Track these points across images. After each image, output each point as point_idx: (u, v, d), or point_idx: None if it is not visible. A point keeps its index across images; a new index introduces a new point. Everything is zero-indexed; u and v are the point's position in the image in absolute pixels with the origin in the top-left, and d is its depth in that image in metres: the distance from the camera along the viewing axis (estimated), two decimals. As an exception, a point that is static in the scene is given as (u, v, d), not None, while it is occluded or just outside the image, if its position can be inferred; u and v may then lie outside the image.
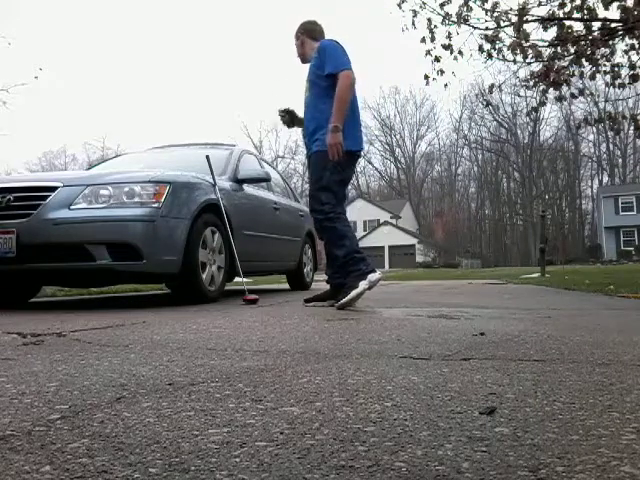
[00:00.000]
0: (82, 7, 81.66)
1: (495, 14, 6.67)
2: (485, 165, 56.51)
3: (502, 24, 6.68)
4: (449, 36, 6.95)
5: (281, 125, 4.06)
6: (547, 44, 6.81)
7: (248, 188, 4.86)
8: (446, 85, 7.29)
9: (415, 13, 6.90)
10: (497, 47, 6.85)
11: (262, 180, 4.95)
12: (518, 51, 6.70)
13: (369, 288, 3.23)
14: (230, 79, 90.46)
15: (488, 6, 6.66)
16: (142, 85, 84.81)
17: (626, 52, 6.71)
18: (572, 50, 6.76)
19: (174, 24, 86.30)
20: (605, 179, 52.27)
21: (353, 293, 3.14)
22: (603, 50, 6.66)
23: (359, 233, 44.45)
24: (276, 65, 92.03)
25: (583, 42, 6.65)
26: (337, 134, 3.32)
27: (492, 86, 7.66)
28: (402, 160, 58.92)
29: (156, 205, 3.45)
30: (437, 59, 7.10)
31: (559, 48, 6.78)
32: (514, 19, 6.59)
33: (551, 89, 7.09)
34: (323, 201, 3.50)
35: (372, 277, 3.23)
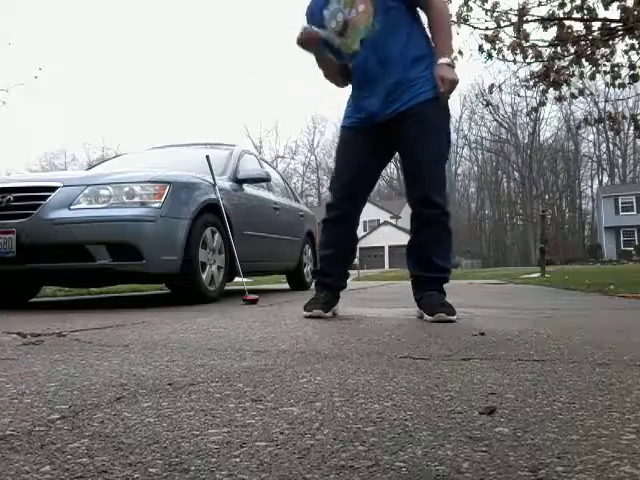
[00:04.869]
0: (82, 7, 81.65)
1: (495, 14, 6.68)
2: (485, 165, 56.49)
3: (502, 24, 6.69)
4: (449, 36, 6.95)
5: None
6: (547, 44, 6.82)
7: (248, 188, 4.86)
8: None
9: (415, 13, 6.90)
10: (497, 47, 6.86)
11: (262, 180, 4.95)
12: (518, 51, 6.71)
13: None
14: (230, 79, 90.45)
15: (488, 6, 6.67)
16: (142, 85, 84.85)
17: (626, 52, 6.72)
18: (572, 50, 6.77)
19: (175, 24, 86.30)
20: (605, 179, 52.28)
21: (455, 317, 2.42)
22: (603, 50, 6.67)
23: (359, 233, 44.38)
24: (276, 65, 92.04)
25: (583, 42, 6.65)
26: (454, 71, 2.42)
27: (492, 86, 7.67)
28: (402, 160, 58.73)
29: (156, 205, 3.44)
30: (437, 59, 7.09)
31: (559, 48, 6.79)
32: (514, 19, 6.60)
33: (551, 89, 7.10)
34: (443, 184, 2.55)
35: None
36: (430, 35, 2.55)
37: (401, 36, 2.46)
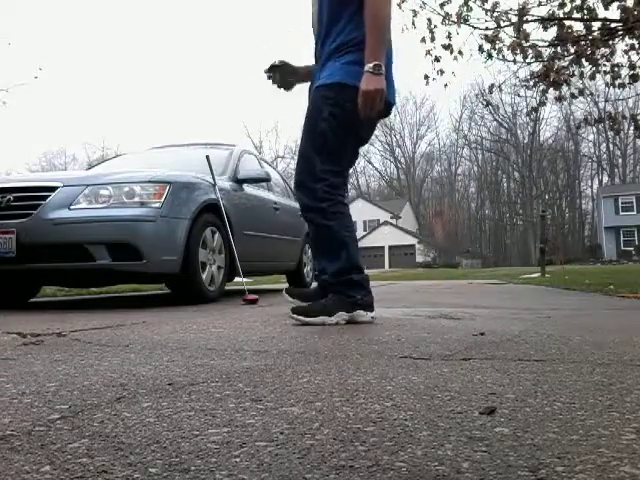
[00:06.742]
0: (82, 7, 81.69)
1: (495, 14, 6.68)
2: (485, 165, 56.58)
3: (502, 24, 6.69)
4: (449, 36, 6.97)
5: (276, 127, 3.09)
6: (547, 44, 6.81)
7: (248, 188, 4.86)
8: (446, 85, 7.30)
9: (415, 13, 6.92)
10: (497, 47, 6.86)
11: (262, 180, 4.95)
12: (518, 51, 6.71)
13: (345, 323, 2.28)
14: (230, 79, 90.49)
15: (488, 6, 6.67)
16: (142, 85, 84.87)
17: (626, 52, 6.72)
18: (572, 50, 6.77)
19: (175, 24, 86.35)
20: (605, 179, 52.35)
21: (319, 320, 2.25)
22: (603, 50, 6.67)
23: (359, 233, 44.37)
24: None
25: (583, 42, 6.65)
26: (379, 77, 2.17)
27: (492, 86, 7.67)
28: (402, 160, 58.94)
29: (156, 205, 3.45)
30: (437, 59, 7.12)
31: (559, 48, 6.79)
32: (514, 19, 6.60)
33: (551, 89, 7.09)
34: (319, 174, 2.29)
35: (360, 316, 2.30)
36: None
37: (338, 31, 2.34)
